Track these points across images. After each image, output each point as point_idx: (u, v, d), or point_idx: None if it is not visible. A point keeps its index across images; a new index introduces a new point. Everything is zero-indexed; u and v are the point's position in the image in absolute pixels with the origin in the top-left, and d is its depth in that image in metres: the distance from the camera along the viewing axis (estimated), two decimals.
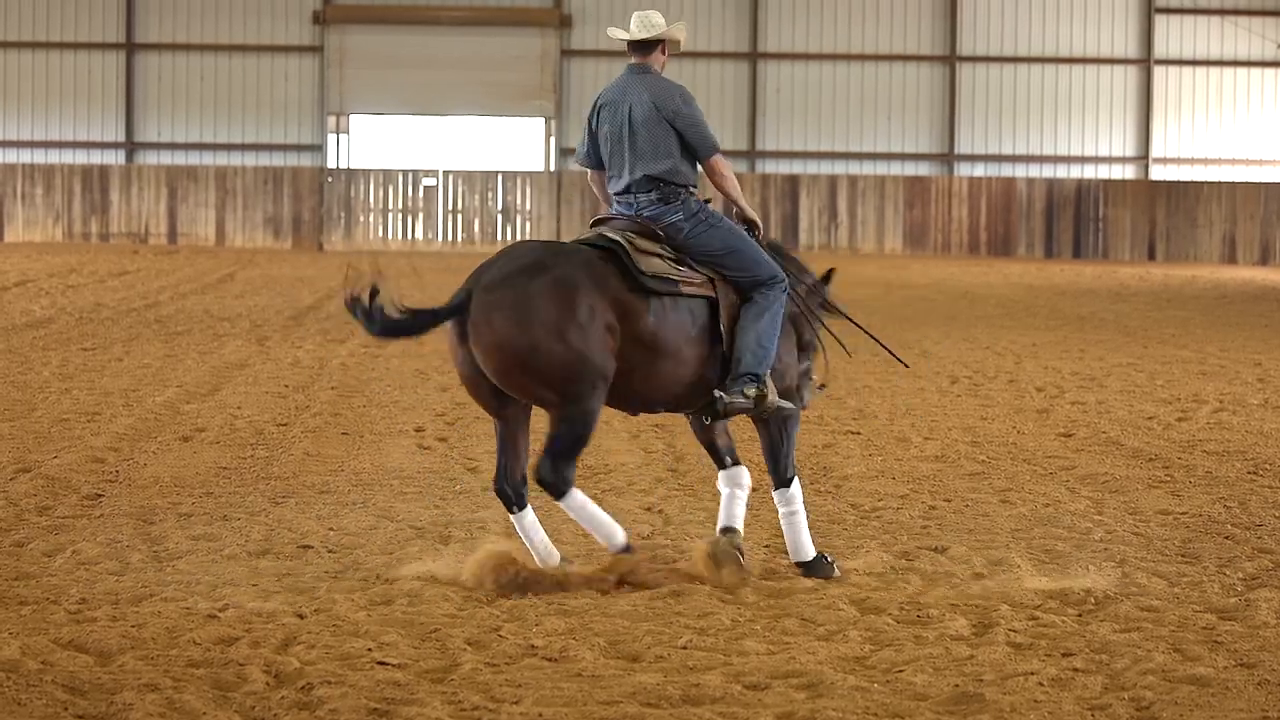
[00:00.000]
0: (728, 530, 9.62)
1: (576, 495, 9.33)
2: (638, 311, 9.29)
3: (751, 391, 9.44)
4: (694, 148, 9.65)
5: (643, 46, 9.78)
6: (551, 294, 9.11)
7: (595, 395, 9.21)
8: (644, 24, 9.75)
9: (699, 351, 9.46)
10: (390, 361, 19.76)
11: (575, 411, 9.18)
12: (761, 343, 9.47)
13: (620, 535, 9.44)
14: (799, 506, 9.72)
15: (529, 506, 9.40)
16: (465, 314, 9.16)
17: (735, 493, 9.71)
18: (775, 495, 9.78)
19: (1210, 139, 47.63)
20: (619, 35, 9.88)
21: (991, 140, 47.20)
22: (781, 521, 9.76)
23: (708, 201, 9.83)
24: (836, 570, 9.59)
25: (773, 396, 9.52)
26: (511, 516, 9.44)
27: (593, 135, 9.83)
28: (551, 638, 8.16)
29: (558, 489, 9.24)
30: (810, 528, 9.84)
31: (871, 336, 10.38)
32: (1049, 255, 46.03)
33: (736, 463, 9.81)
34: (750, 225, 9.85)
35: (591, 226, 9.80)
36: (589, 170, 9.94)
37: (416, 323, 9.25)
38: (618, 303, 9.25)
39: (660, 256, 9.45)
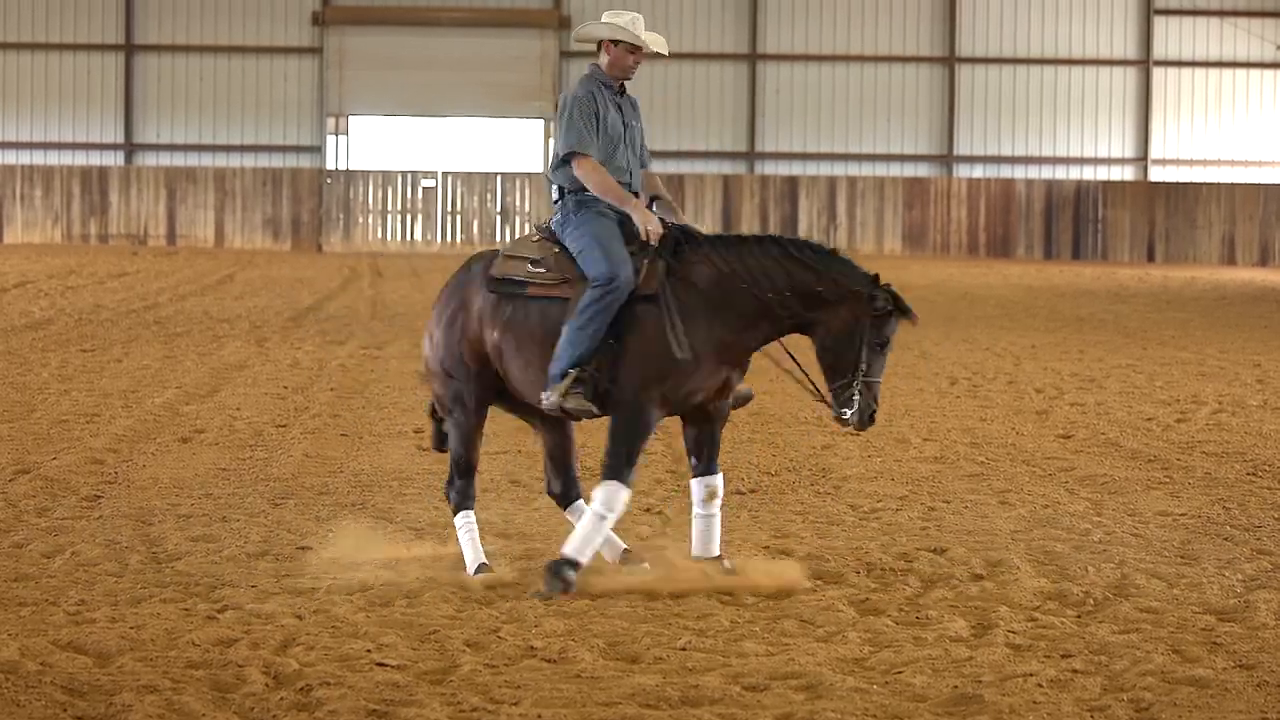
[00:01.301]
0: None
1: (467, 517, 9.56)
2: (494, 316, 9.53)
3: (551, 392, 9.39)
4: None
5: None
6: (441, 305, 9.77)
7: (464, 408, 9.55)
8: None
9: (547, 351, 9.45)
10: (389, 363, 19.77)
11: (451, 424, 9.69)
12: (570, 341, 9.33)
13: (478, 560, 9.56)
14: (612, 514, 9.27)
15: (579, 501, 9.70)
16: None
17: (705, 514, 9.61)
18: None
19: (1209, 140, 47.63)
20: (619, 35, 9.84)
21: (990, 141, 47.19)
22: (585, 515, 9.36)
23: (655, 198, 9.78)
24: (567, 587, 9.12)
25: (555, 398, 9.31)
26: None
27: None
28: (550, 639, 8.16)
29: (451, 505, 9.65)
30: (811, 528, 9.80)
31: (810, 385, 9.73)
32: (1048, 256, 46.03)
33: (705, 473, 9.56)
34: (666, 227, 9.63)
35: None
36: None
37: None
38: (479, 310, 9.56)
39: (525, 259, 9.56)
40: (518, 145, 46.79)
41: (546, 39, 46.12)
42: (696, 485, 9.56)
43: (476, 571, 9.40)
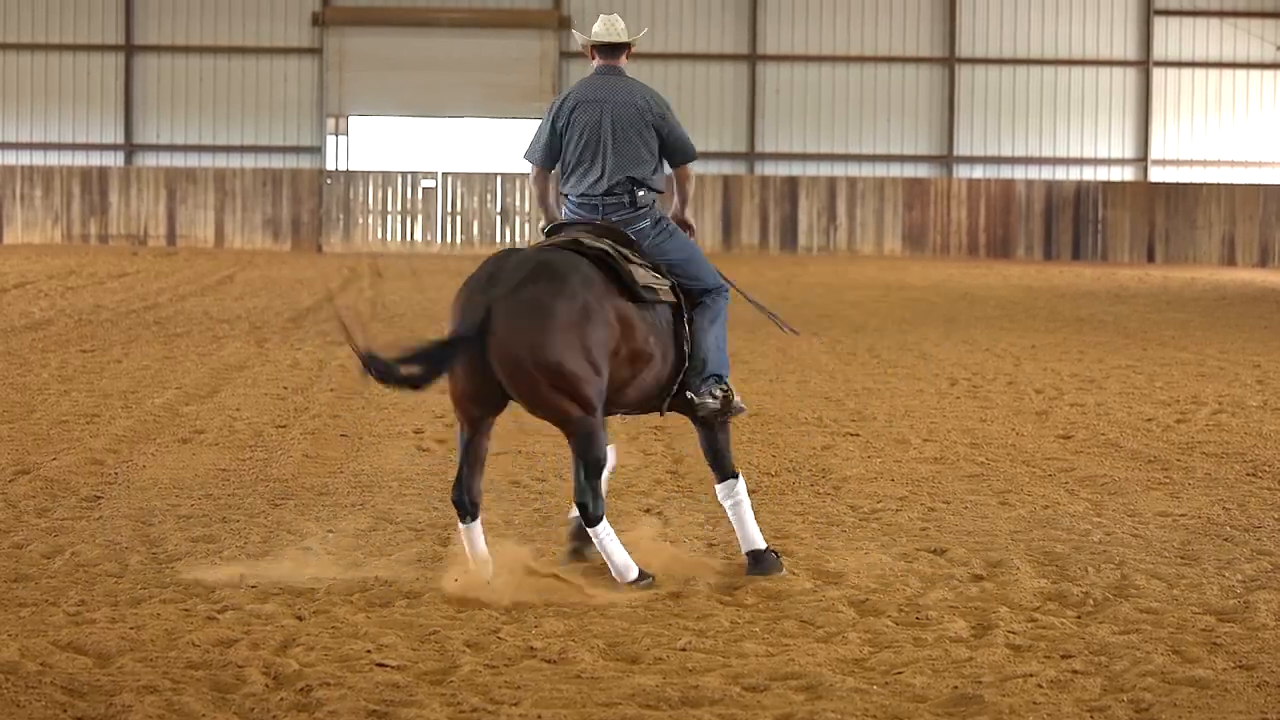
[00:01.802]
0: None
1: (608, 528, 9.35)
2: (634, 321, 9.39)
3: (718, 393, 9.55)
4: (678, 153, 9.84)
5: (613, 49, 9.90)
6: (578, 305, 9.10)
7: (598, 408, 9.24)
8: (612, 28, 9.89)
9: (670, 356, 9.58)
10: None
11: (589, 426, 9.20)
12: (720, 345, 9.65)
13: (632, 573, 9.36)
14: (744, 497, 9.73)
15: (479, 520, 9.32)
16: (486, 328, 9.01)
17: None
18: (720, 488, 9.75)
19: (1209, 141, 47.63)
20: (588, 38, 9.93)
21: (990, 142, 47.20)
22: (729, 514, 9.76)
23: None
24: (783, 567, 9.60)
25: (737, 399, 9.63)
26: (461, 526, 9.33)
27: (555, 133, 9.83)
28: (550, 639, 8.16)
29: (594, 514, 9.24)
30: (811, 529, 9.82)
31: (759, 306, 10.49)
32: (1048, 257, 46.03)
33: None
34: (688, 228, 10.03)
35: (550, 232, 9.79)
36: (534, 168, 9.95)
37: (434, 362, 9.18)
38: (620, 313, 9.33)
39: (641, 265, 9.52)
40: (518, 146, 46.75)
41: (546, 40, 46.13)
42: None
43: (639, 579, 9.26)
